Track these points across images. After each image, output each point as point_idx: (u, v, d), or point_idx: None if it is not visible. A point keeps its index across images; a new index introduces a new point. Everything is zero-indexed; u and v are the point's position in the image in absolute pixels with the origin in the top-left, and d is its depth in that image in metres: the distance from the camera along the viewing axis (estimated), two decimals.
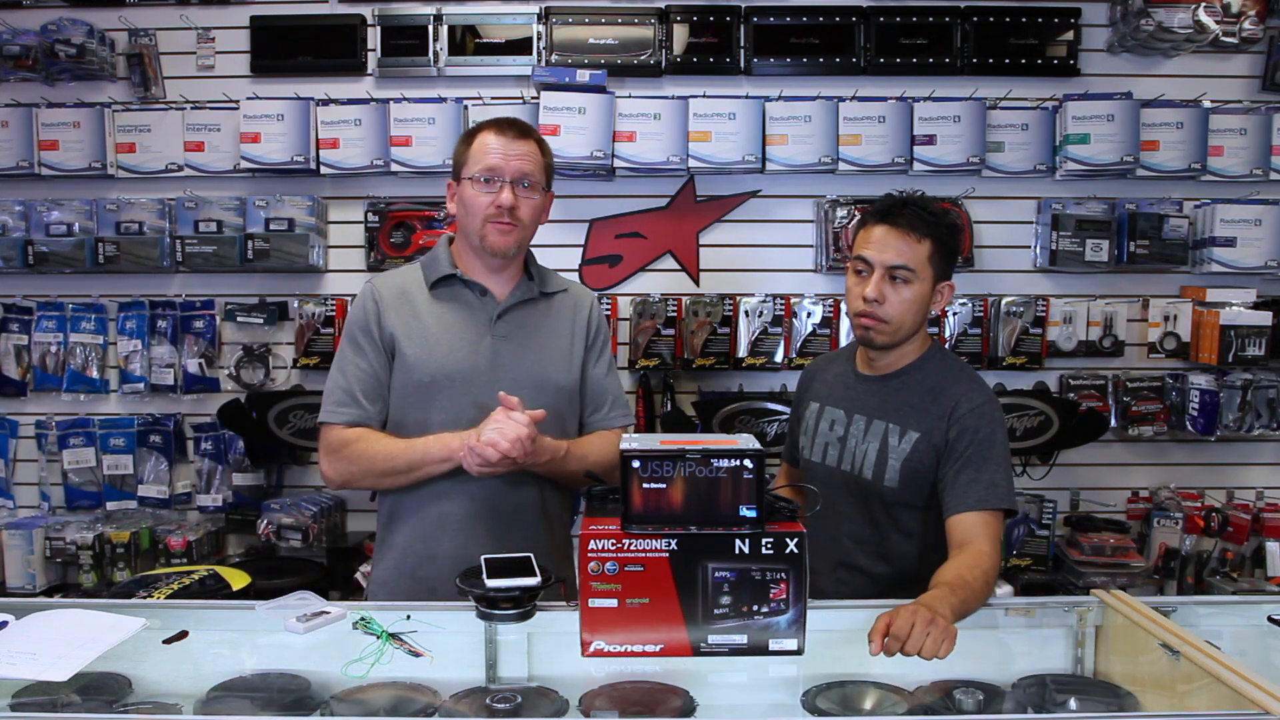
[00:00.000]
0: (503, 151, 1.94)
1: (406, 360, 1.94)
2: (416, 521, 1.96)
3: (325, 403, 1.97)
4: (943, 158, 3.15)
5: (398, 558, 1.98)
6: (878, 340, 1.92)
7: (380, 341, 1.96)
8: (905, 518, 1.94)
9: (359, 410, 1.94)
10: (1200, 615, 1.80)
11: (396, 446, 1.90)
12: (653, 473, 1.46)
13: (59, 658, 1.45)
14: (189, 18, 3.21)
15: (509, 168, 1.93)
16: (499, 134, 1.96)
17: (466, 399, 1.92)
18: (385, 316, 1.96)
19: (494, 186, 1.93)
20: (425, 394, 1.93)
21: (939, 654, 1.44)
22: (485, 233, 1.94)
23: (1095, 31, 3.24)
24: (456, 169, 2.00)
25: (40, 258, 3.14)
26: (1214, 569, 3.11)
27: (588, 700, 1.46)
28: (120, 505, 3.23)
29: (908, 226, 1.87)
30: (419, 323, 1.97)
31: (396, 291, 2.00)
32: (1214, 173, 3.19)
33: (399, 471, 1.89)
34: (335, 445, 1.93)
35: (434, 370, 1.93)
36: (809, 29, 3.19)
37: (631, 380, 3.23)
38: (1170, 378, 3.22)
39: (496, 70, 3.20)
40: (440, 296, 2.00)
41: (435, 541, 1.94)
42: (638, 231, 3.28)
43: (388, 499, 2.01)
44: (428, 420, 1.93)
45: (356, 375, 1.95)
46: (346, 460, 1.92)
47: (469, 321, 1.98)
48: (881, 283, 1.87)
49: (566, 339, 2.05)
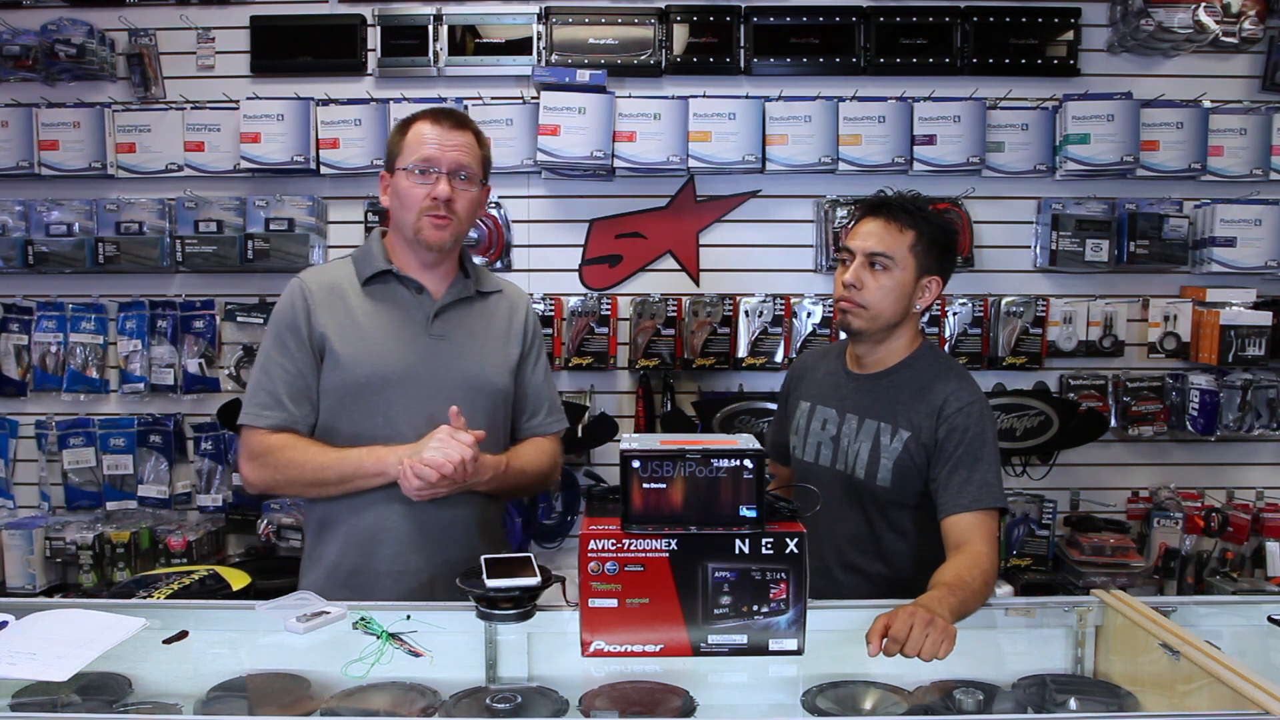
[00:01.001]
0: (439, 142, 1.86)
1: (339, 361, 1.84)
2: (349, 531, 1.87)
3: (247, 404, 1.87)
4: (943, 158, 3.15)
5: (329, 569, 1.88)
6: (854, 324, 1.94)
7: (309, 341, 1.86)
8: (899, 517, 1.94)
9: (284, 414, 1.84)
10: (1200, 615, 1.80)
11: (327, 457, 1.81)
12: (653, 473, 1.46)
13: (59, 658, 1.45)
14: (189, 18, 3.21)
15: (445, 159, 1.86)
16: (434, 124, 1.88)
17: (404, 401, 1.85)
18: (315, 314, 1.86)
19: (430, 178, 1.85)
20: (360, 396, 1.84)
21: (938, 655, 1.44)
22: (420, 226, 1.86)
23: (1095, 31, 3.24)
24: (390, 159, 1.91)
25: (40, 258, 3.14)
26: (1214, 569, 3.11)
27: (588, 700, 1.46)
28: (120, 505, 3.23)
29: (890, 217, 1.92)
30: (352, 321, 1.87)
31: (327, 288, 1.89)
32: (1214, 173, 3.19)
33: (329, 483, 1.81)
34: (259, 450, 1.84)
35: (369, 371, 1.84)
36: (809, 29, 3.19)
37: (631, 380, 3.23)
38: (1170, 378, 3.22)
39: (496, 70, 3.20)
40: (374, 294, 1.91)
41: (370, 553, 1.86)
42: (638, 231, 3.28)
43: (317, 508, 1.92)
44: (362, 424, 1.85)
45: (282, 376, 1.85)
46: (271, 467, 1.83)
47: (404, 320, 1.90)
48: (861, 269, 1.91)
49: (503, 341, 1.99)
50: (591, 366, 3.16)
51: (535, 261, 3.27)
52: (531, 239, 3.26)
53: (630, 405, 3.23)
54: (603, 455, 3.23)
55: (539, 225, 3.27)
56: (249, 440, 1.87)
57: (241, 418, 1.87)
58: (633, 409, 3.21)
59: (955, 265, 2.03)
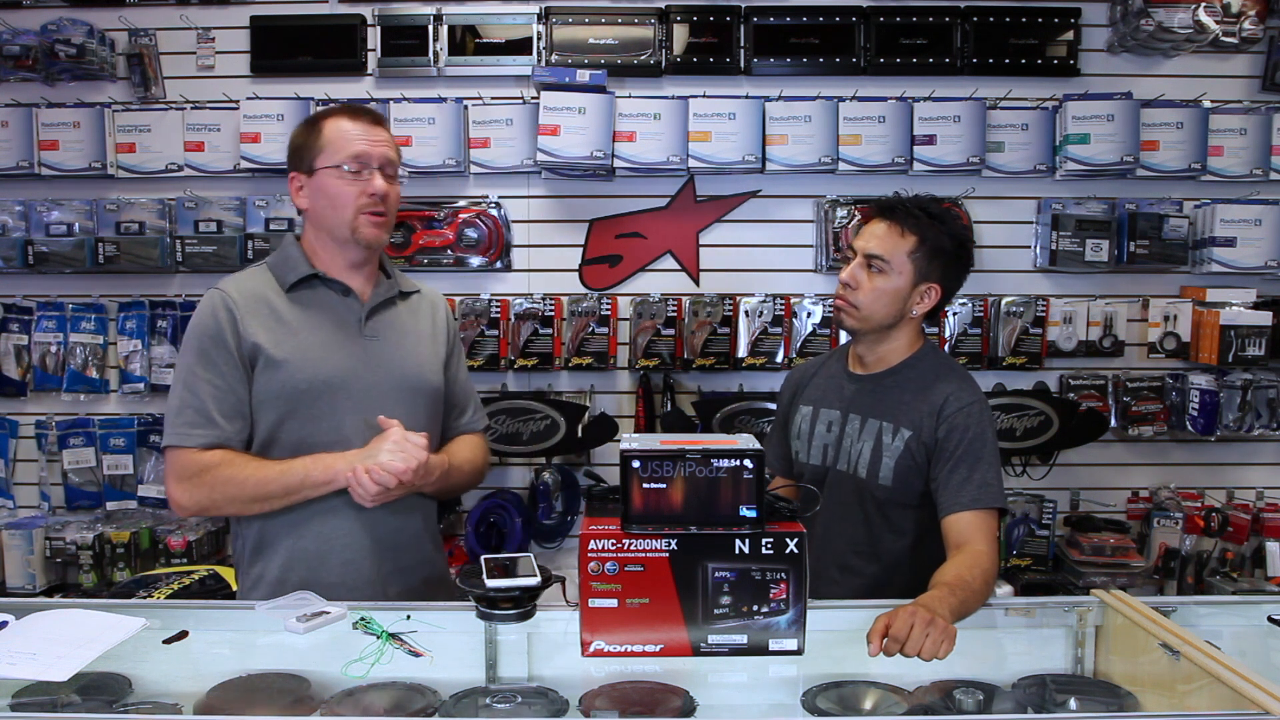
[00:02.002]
0: (367, 138, 1.84)
1: (278, 369, 1.78)
2: (292, 545, 1.82)
3: (174, 424, 1.78)
4: (943, 158, 3.15)
5: (272, 588, 1.81)
6: (846, 323, 1.97)
7: (238, 354, 1.79)
8: (898, 517, 1.94)
9: (216, 431, 1.76)
10: (1200, 615, 1.80)
11: (269, 471, 1.76)
12: (653, 473, 1.46)
13: (59, 658, 1.45)
14: (189, 18, 3.21)
15: (375, 154, 1.84)
16: (354, 120, 1.85)
17: (348, 405, 1.82)
18: (244, 325, 1.79)
19: (362, 175, 1.82)
20: (302, 403, 1.79)
21: (938, 655, 1.44)
22: (358, 224, 1.83)
23: (1095, 31, 3.24)
24: (304, 159, 1.86)
25: (40, 258, 3.14)
26: (1214, 569, 3.11)
27: (588, 700, 1.46)
28: (120, 505, 3.23)
29: (894, 220, 1.93)
30: (284, 327, 1.82)
31: (250, 296, 1.83)
32: (1214, 173, 3.19)
33: (273, 497, 1.76)
34: (191, 470, 1.76)
35: (309, 376, 1.79)
36: (809, 29, 3.19)
37: (631, 380, 3.23)
38: (1170, 378, 3.22)
39: (496, 70, 3.20)
40: (300, 299, 1.86)
41: (319, 564, 1.81)
42: (638, 231, 3.28)
43: (252, 525, 1.84)
44: (305, 431, 1.80)
45: (210, 393, 1.77)
46: (206, 487, 1.75)
47: (337, 323, 1.86)
48: (858, 269, 1.94)
49: (431, 339, 1.99)
50: (591, 366, 3.16)
51: (535, 261, 3.27)
52: (531, 239, 3.27)
53: (630, 405, 3.23)
54: (603, 455, 3.23)
55: (539, 225, 3.27)
56: (178, 461, 1.78)
57: (167, 439, 1.79)
58: (633, 409, 3.21)
59: (962, 273, 2.00)
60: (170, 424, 1.79)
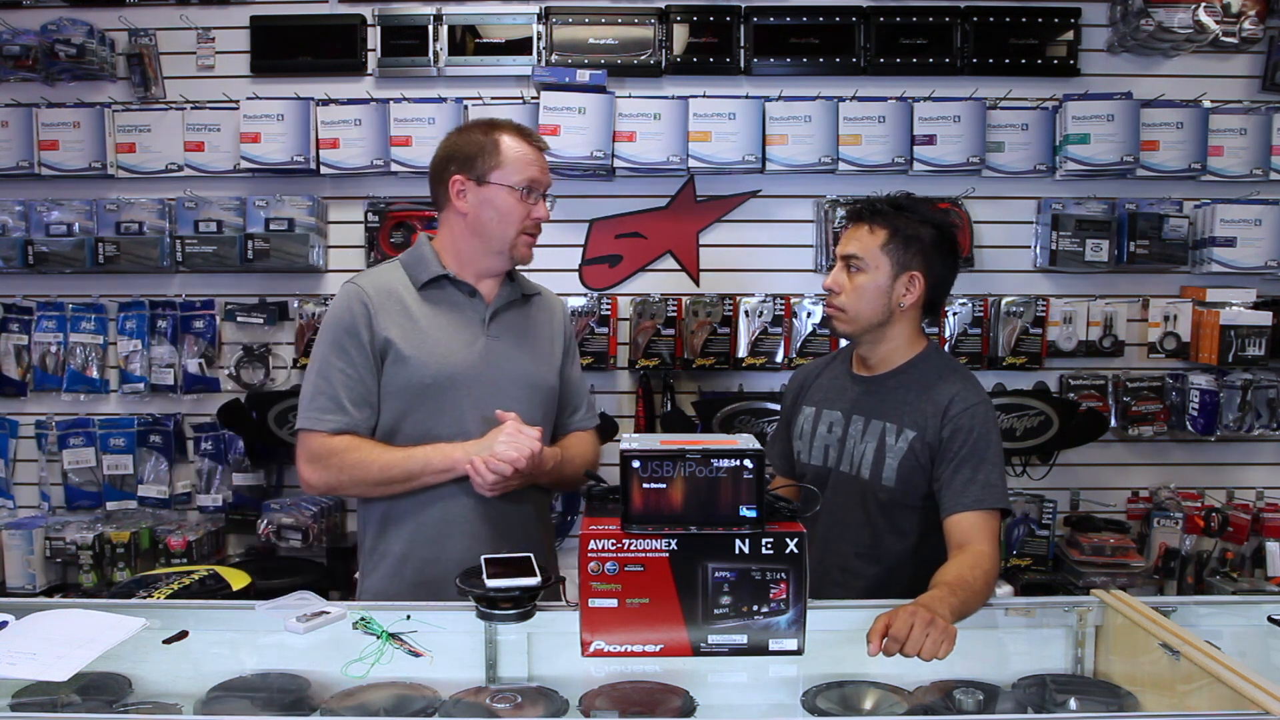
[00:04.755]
0: (539, 164, 1.95)
1: (406, 364, 1.88)
2: (415, 526, 1.91)
3: (307, 408, 1.88)
4: (943, 158, 3.15)
5: (395, 564, 1.92)
6: (839, 330, 2.00)
7: (370, 346, 1.88)
8: (900, 517, 1.94)
9: (346, 417, 1.86)
10: (1200, 615, 1.80)
11: (393, 456, 1.85)
12: (653, 473, 1.46)
13: (59, 658, 1.45)
14: (189, 18, 3.21)
15: (545, 181, 1.96)
16: (527, 143, 1.95)
17: (470, 400, 1.90)
18: (376, 318, 1.88)
19: (531, 199, 1.94)
20: (427, 396, 1.88)
21: (938, 655, 1.44)
22: (517, 243, 1.95)
23: (1095, 31, 3.24)
24: (475, 167, 1.92)
25: (40, 258, 3.14)
26: (1214, 569, 3.11)
27: (588, 700, 1.46)
28: (120, 505, 3.23)
29: (863, 220, 1.97)
30: (413, 324, 1.91)
31: (384, 292, 1.92)
32: (1214, 173, 3.19)
33: (395, 481, 1.85)
34: (321, 453, 1.86)
35: (435, 372, 1.88)
36: (809, 29, 3.19)
37: (631, 380, 3.23)
38: (1170, 378, 3.22)
39: (496, 70, 3.20)
40: (430, 297, 1.95)
41: (439, 545, 1.89)
42: (638, 231, 3.28)
43: (378, 505, 1.94)
44: (429, 423, 1.88)
45: (343, 381, 1.87)
46: (334, 469, 1.86)
47: (462, 322, 1.95)
48: (839, 273, 1.97)
49: (548, 341, 2.07)
50: (592, 366, 3.15)
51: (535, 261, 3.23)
52: None
53: (630, 405, 3.23)
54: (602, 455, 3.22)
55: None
56: (309, 443, 1.88)
57: (301, 422, 1.88)
58: (633, 409, 3.21)
59: (947, 258, 1.97)
60: (304, 408, 1.89)
